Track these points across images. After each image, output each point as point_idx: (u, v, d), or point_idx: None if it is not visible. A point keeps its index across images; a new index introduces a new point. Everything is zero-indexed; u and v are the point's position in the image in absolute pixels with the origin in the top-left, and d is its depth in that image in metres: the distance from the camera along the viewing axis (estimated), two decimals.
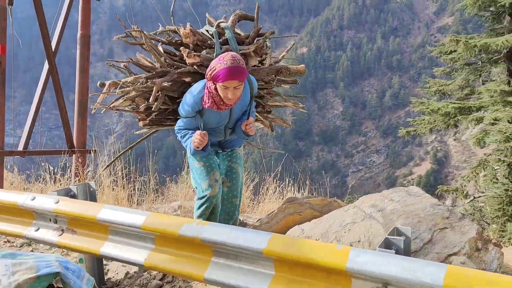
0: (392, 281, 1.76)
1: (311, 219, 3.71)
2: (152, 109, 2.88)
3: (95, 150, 6.95)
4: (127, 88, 2.95)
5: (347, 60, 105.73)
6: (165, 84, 2.85)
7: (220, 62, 2.53)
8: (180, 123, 2.92)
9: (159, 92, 2.85)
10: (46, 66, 6.39)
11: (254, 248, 2.07)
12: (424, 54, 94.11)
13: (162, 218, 2.39)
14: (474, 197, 11.35)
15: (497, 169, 10.71)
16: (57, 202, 2.72)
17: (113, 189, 5.15)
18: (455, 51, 11.45)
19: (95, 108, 3.20)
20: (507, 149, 9.58)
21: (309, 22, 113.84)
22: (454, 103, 11.32)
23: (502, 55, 11.37)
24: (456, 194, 11.63)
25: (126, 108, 3.18)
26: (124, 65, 3.24)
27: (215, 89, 2.61)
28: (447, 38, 11.72)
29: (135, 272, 3.13)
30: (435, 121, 11.85)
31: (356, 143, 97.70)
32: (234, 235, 2.14)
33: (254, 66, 3.15)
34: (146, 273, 3.06)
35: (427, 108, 11.76)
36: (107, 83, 3.14)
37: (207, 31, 3.18)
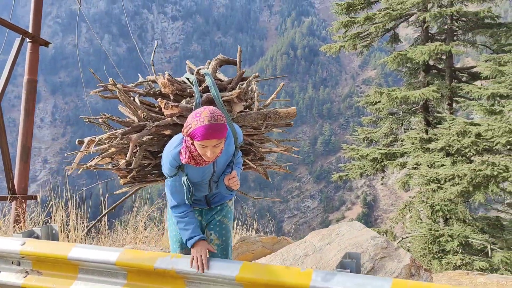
0: None
1: (263, 257, 3.98)
2: (132, 165, 2.73)
3: (36, 196, 6.75)
4: (103, 146, 2.76)
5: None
6: (144, 138, 2.69)
7: (196, 119, 2.28)
8: (167, 188, 2.62)
9: (137, 148, 2.70)
10: None
11: (227, 275, 2.30)
12: (351, 104, 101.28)
13: (136, 253, 2.55)
14: (402, 238, 12.22)
15: (421, 210, 11.70)
16: (23, 244, 2.75)
17: (61, 233, 5.02)
18: (379, 102, 12.71)
19: (72, 169, 2.92)
20: (428, 191, 10.59)
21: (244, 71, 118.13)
22: (381, 149, 12.39)
23: (419, 106, 12.81)
24: (386, 236, 12.42)
25: (105, 166, 2.95)
26: (102, 120, 3.01)
27: (193, 144, 2.37)
28: (371, 90, 12.99)
29: None
30: (364, 166, 12.79)
31: (290, 189, 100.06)
32: (208, 265, 2.36)
33: (240, 112, 2.96)
34: None
35: (357, 154, 12.71)
36: (86, 140, 2.92)
37: (187, 78, 3.02)
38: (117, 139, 2.75)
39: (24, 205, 6.24)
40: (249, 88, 3.10)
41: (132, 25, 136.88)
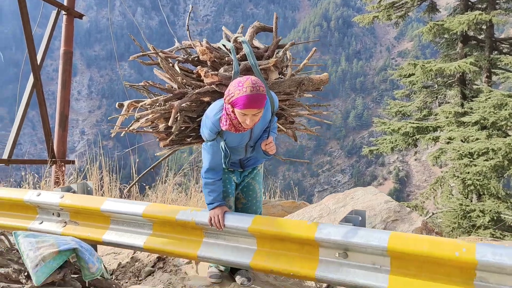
0: (349, 246, 2.27)
1: None
2: (172, 130, 2.83)
3: (73, 161, 7.23)
4: (146, 112, 2.89)
5: None
6: (184, 105, 2.79)
7: (239, 89, 2.39)
8: (204, 151, 2.72)
9: (178, 114, 2.79)
10: (31, 79, 6.65)
11: (240, 227, 2.52)
12: (386, 77, 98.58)
13: (161, 207, 2.82)
14: (433, 213, 12.14)
15: (452, 185, 11.53)
16: (62, 197, 3.06)
17: (95, 193, 5.42)
18: (413, 74, 12.38)
19: (114, 132, 3.07)
20: (461, 166, 10.40)
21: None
22: (413, 123, 12.16)
23: (455, 79, 12.41)
24: (416, 210, 12.36)
25: (146, 129, 3.07)
26: (143, 86, 3.12)
27: (233, 112, 2.48)
28: (405, 63, 12.67)
29: (127, 262, 3.47)
30: (396, 141, 12.62)
31: (321, 163, 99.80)
32: (225, 217, 2.59)
33: (275, 79, 3.01)
34: (137, 263, 3.41)
35: (388, 128, 12.53)
36: (126, 103, 3.06)
37: (224, 45, 3.07)
38: (159, 105, 2.87)
39: (63, 169, 6.73)
40: (285, 56, 3.15)
41: None
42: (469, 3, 12.12)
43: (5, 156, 6.20)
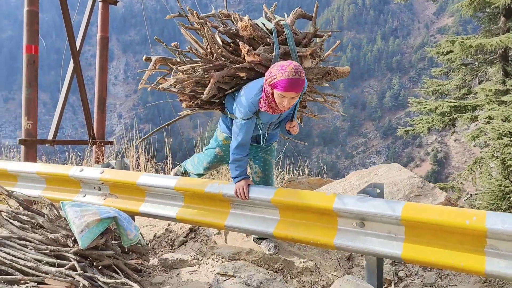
0: (366, 216, 2.41)
1: None
2: (203, 97, 2.94)
3: (112, 142, 7.64)
4: (182, 76, 2.92)
5: (347, 61, 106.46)
6: (221, 77, 2.88)
7: (282, 72, 2.53)
8: (237, 128, 2.83)
9: (214, 84, 2.87)
10: (71, 65, 7.06)
11: (264, 198, 2.71)
12: (424, 55, 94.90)
13: (191, 180, 3.05)
14: (471, 195, 11.86)
15: (492, 166, 11.22)
16: (102, 172, 3.34)
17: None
18: (451, 51, 11.98)
19: (141, 86, 3.17)
20: (500, 145, 10.08)
21: (309, 23, 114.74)
22: (450, 102, 11.82)
23: (497, 55, 11.90)
24: (452, 191, 12.12)
25: (172, 89, 3.11)
26: (175, 46, 3.14)
27: (272, 94, 2.63)
28: (443, 39, 12.26)
29: (162, 233, 3.74)
30: (432, 121, 12.34)
31: (356, 144, 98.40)
32: (249, 190, 2.78)
33: (307, 66, 3.12)
34: (171, 233, 3.68)
35: (425, 107, 12.24)
36: (153, 58, 3.13)
37: (263, 24, 3.13)
38: (196, 73, 2.93)
39: (102, 149, 7.15)
40: (321, 46, 3.29)
41: None
42: None
43: (49, 137, 6.66)
